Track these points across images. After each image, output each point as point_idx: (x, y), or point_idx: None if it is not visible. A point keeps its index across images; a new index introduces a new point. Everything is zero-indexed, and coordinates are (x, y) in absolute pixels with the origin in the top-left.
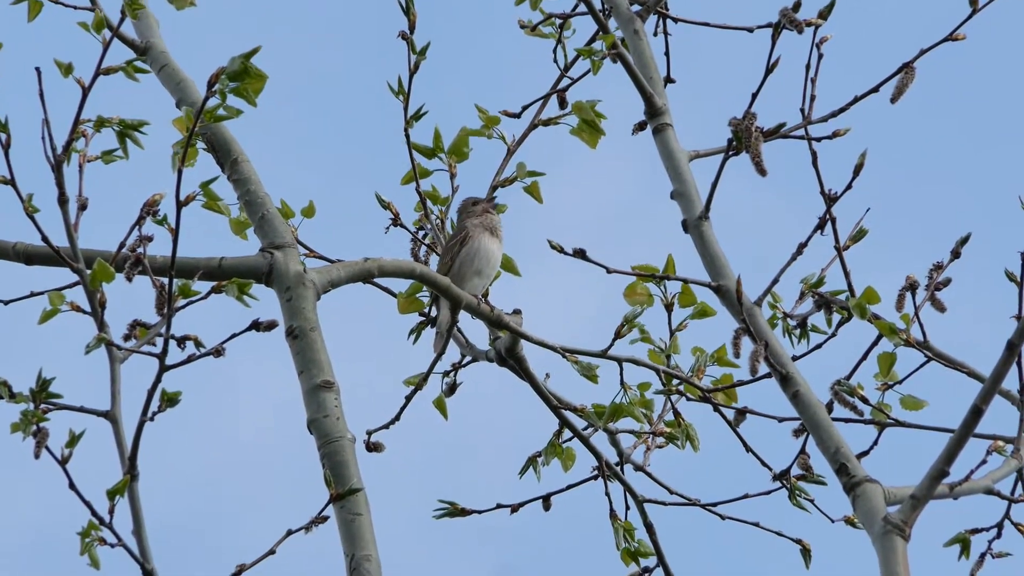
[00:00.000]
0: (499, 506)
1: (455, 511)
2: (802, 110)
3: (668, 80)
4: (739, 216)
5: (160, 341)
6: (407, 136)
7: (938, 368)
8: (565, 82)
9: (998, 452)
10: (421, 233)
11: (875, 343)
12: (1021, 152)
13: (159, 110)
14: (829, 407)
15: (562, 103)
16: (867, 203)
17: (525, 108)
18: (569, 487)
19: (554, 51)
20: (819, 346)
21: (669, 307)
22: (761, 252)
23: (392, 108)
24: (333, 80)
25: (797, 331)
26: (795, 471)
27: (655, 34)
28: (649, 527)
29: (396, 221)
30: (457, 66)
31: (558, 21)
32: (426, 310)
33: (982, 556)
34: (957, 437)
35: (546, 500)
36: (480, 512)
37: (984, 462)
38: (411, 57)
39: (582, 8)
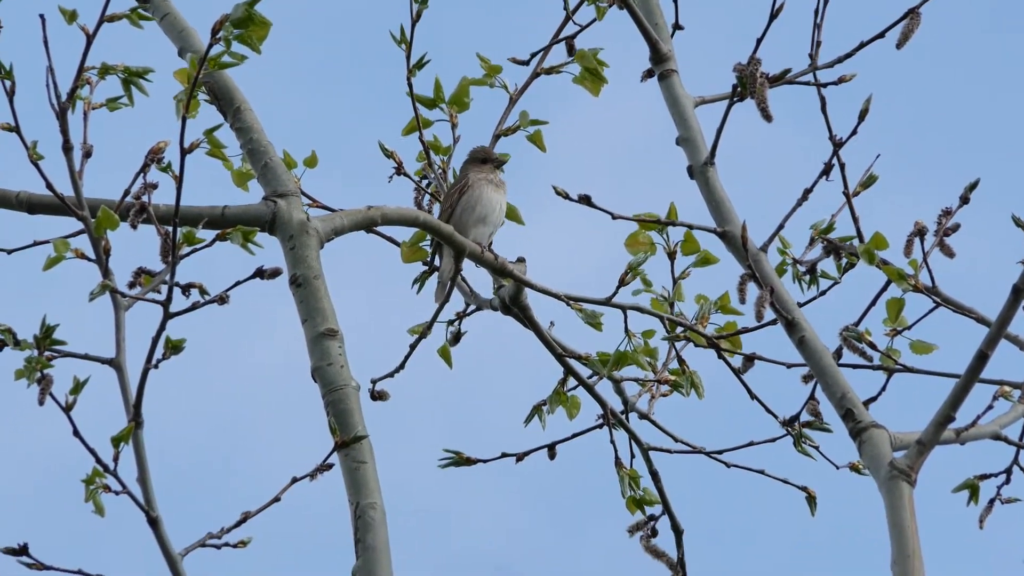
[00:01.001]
0: (504, 455)
1: (460, 460)
2: (810, 55)
3: (676, 27)
4: (745, 162)
5: (164, 289)
6: (409, 85)
7: (947, 314)
8: (571, 29)
9: (1005, 397)
10: (424, 182)
11: (883, 289)
12: None
13: (163, 59)
14: (838, 353)
15: (570, 50)
16: (875, 149)
17: (533, 55)
18: (574, 435)
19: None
20: (824, 292)
21: (672, 255)
22: (768, 198)
23: (395, 57)
24: (335, 29)
25: (807, 277)
26: (804, 417)
27: None
28: (654, 475)
29: (399, 170)
30: (460, 15)
31: None
32: (429, 259)
33: (991, 502)
34: (962, 383)
35: (551, 449)
36: (485, 461)
37: (991, 407)
38: (413, 5)
39: None
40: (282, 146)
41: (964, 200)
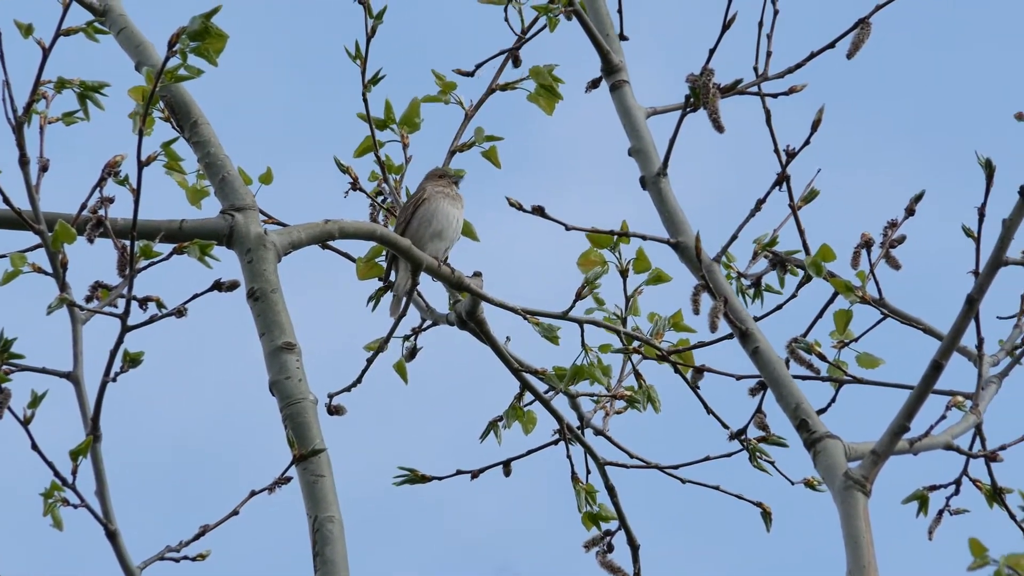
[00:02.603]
0: (459, 472)
1: (415, 478)
2: (755, 68)
3: (622, 37)
4: (697, 172)
5: (122, 302)
6: (365, 101)
7: (894, 324)
8: (517, 40)
9: (958, 407)
10: (380, 198)
11: (831, 300)
12: (976, 105)
13: (119, 73)
14: (787, 364)
15: (516, 62)
16: (824, 159)
17: (479, 66)
18: (530, 452)
19: (505, 8)
20: (779, 307)
21: (624, 273)
22: (719, 209)
23: (350, 73)
24: (290, 44)
25: (751, 291)
26: (752, 430)
27: None
28: (611, 490)
29: (355, 185)
30: (415, 32)
31: None
32: (385, 275)
33: (940, 513)
34: (917, 393)
35: (506, 466)
36: (440, 479)
37: (943, 418)
38: (368, 21)
39: None
40: (239, 160)
41: (910, 212)
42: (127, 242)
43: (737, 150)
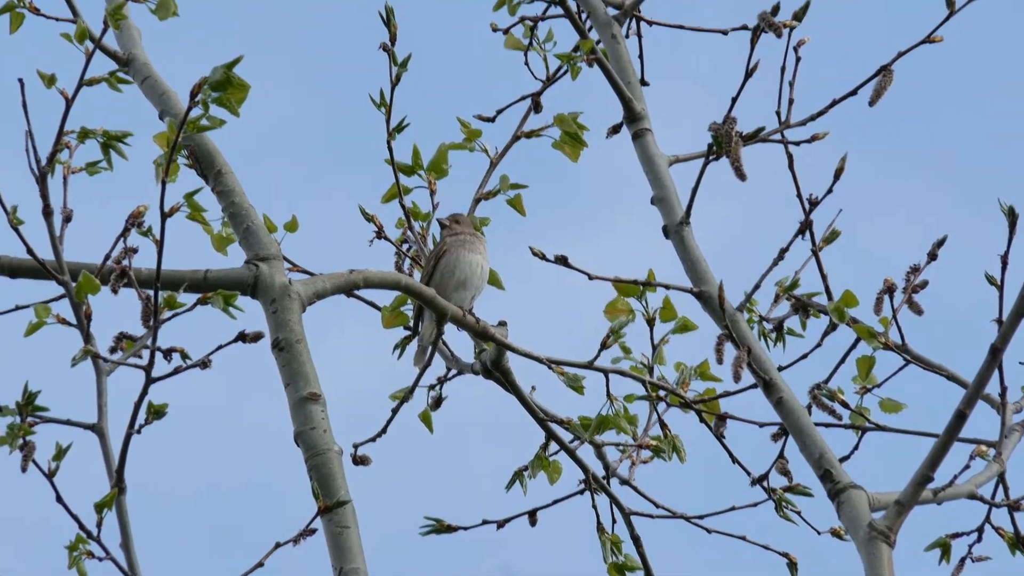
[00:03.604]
0: (485, 522)
1: (441, 528)
2: (777, 113)
3: (642, 82)
4: (720, 220)
5: (146, 353)
6: (390, 151)
7: (916, 370)
8: (539, 86)
9: (981, 456)
10: (405, 246)
11: (853, 346)
12: (999, 152)
13: (142, 122)
14: (809, 410)
15: (536, 107)
16: (846, 205)
17: (500, 112)
18: (556, 501)
19: (525, 54)
20: (805, 356)
21: (651, 322)
22: (743, 256)
23: (375, 120)
24: (314, 92)
25: (773, 335)
26: (775, 476)
27: (627, 36)
28: (636, 540)
29: (380, 234)
30: (440, 77)
31: (531, 24)
32: (412, 323)
33: (962, 560)
34: (941, 442)
35: (532, 515)
36: (466, 528)
37: (967, 467)
38: (392, 69)
39: (556, 11)
40: (264, 207)
41: (932, 256)
42: (151, 293)
43: (760, 197)
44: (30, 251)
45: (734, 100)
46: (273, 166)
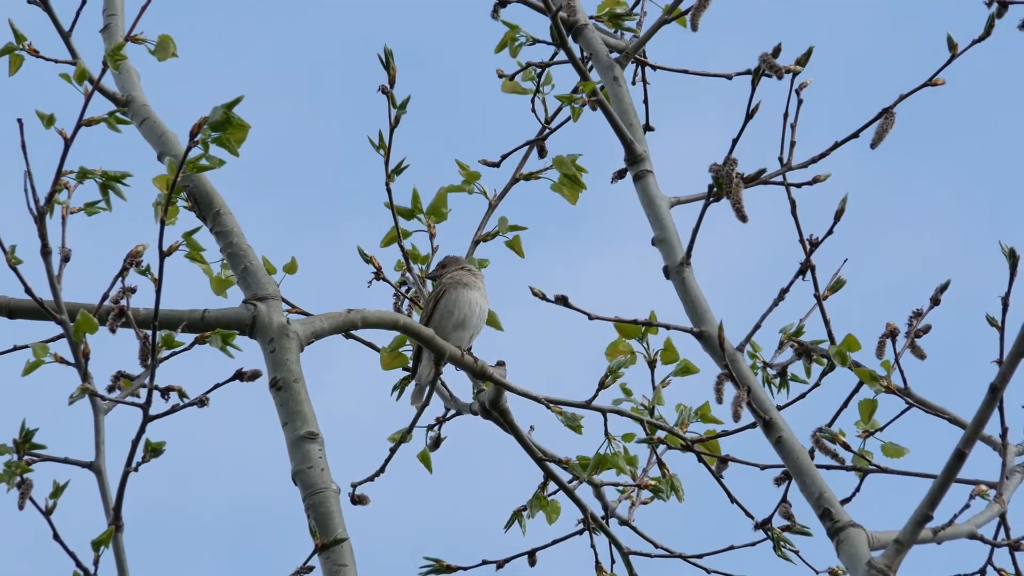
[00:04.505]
0: (484, 562)
1: (440, 568)
2: (779, 158)
3: (647, 128)
4: (721, 261)
5: (144, 392)
6: (389, 193)
7: (919, 414)
8: (543, 131)
9: (981, 496)
10: (404, 288)
11: (856, 390)
12: (1000, 195)
13: (141, 162)
14: (811, 454)
15: (541, 152)
16: (848, 247)
17: (504, 157)
18: (555, 541)
19: (532, 101)
20: (803, 396)
21: (652, 363)
22: (743, 297)
23: (374, 161)
24: (312, 133)
25: (777, 380)
26: (778, 519)
27: (633, 82)
28: None
29: (378, 275)
30: (439, 119)
31: (537, 71)
32: (412, 364)
33: None
34: (940, 482)
35: (531, 555)
36: (465, 569)
37: (967, 507)
38: (391, 111)
39: (561, 56)
40: (261, 250)
41: (935, 301)
42: (149, 332)
43: (761, 238)
44: (28, 291)
45: (735, 141)
46: (272, 206)
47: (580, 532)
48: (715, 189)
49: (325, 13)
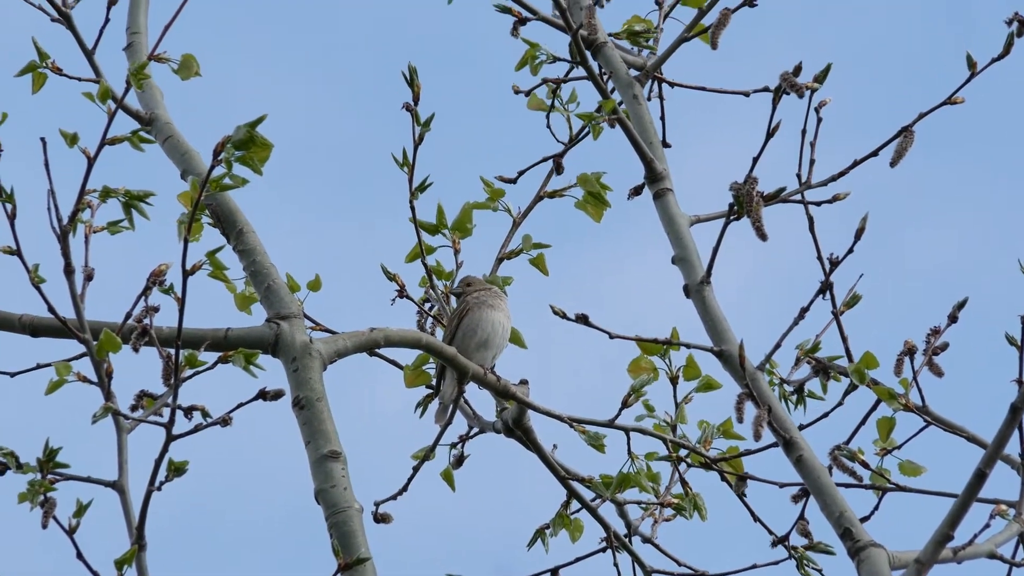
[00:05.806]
0: None
1: None
2: (798, 175)
3: (664, 144)
4: (741, 279)
5: (167, 411)
6: (412, 208)
7: (937, 432)
8: (561, 147)
9: (1001, 516)
10: (427, 305)
11: (874, 408)
12: (1020, 214)
13: (164, 181)
14: (829, 470)
15: (558, 169)
16: (867, 266)
17: (521, 173)
18: (577, 559)
19: (547, 116)
20: (826, 415)
21: (674, 380)
22: (763, 315)
23: (397, 179)
24: (337, 152)
25: (794, 397)
26: (796, 537)
27: (649, 98)
28: None
29: (402, 292)
30: (463, 136)
31: (553, 86)
32: (435, 382)
33: None
34: (961, 501)
35: (555, 573)
36: None
37: (987, 526)
38: (415, 128)
39: (576, 71)
40: (285, 268)
41: (953, 319)
42: (172, 351)
43: (781, 257)
44: (51, 309)
45: (755, 160)
46: (296, 223)
47: (603, 550)
48: (735, 208)
49: (349, 24)
